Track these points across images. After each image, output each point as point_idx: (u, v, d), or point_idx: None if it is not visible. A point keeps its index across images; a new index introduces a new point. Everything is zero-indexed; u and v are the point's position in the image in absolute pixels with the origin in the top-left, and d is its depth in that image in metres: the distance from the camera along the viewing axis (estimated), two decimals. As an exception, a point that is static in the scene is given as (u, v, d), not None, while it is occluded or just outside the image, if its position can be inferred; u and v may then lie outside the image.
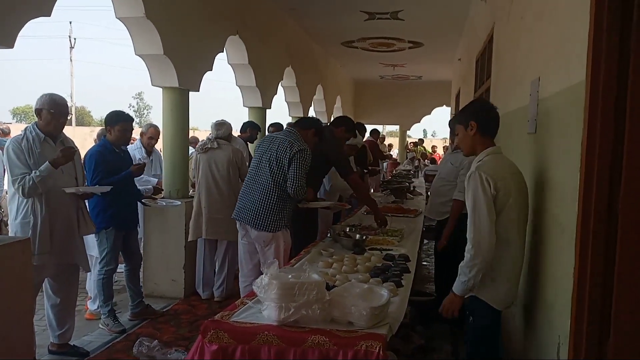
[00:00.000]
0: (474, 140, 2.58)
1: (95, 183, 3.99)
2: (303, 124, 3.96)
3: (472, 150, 2.61)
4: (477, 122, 2.54)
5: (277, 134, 3.88)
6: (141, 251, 4.86)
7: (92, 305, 4.61)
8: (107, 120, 4.25)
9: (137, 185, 4.66)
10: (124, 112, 4.29)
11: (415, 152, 15.77)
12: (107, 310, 4.27)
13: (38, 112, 3.46)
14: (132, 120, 4.35)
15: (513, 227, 2.44)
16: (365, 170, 7.73)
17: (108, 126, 4.22)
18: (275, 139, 3.78)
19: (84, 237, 3.82)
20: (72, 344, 3.82)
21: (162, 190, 5.30)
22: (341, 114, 14.42)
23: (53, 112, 3.44)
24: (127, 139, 4.34)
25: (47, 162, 3.32)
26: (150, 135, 5.58)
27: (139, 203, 4.64)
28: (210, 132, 5.23)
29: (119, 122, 4.20)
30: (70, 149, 3.45)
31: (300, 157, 3.62)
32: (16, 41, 3.05)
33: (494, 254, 2.37)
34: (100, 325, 4.29)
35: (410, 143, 19.40)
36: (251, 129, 6.38)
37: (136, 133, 6.07)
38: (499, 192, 2.38)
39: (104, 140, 4.25)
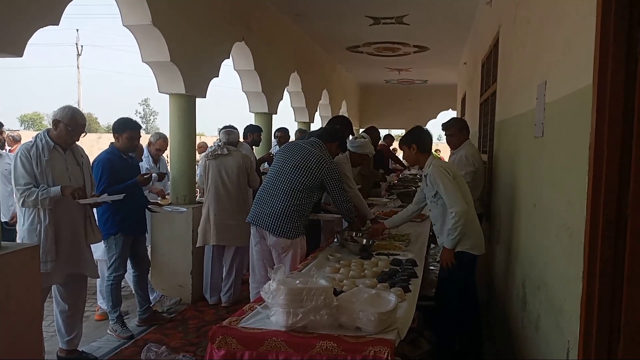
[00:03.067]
0: (417, 156, 3.59)
1: (101, 191, 4.01)
2: (328, 137, 3.96)
3: (416, 162, 3.65)
4: (416, 144, 3.55)
5: (302, 142, 3.88)
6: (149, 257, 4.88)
7: (103, 305, 4.65)
8: (115, 128, 4.29)
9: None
10: (131, 120, 4.34)
11: None
12: (115, 316, 4.29)
13: (56, 122, 3.47)
14: (140, 127, 4.39)
15: (466, 196, 3.42)
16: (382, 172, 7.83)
17: (116, 133, 4.26)
18: (302, 147, 3.77)
19: (99, 238, 3.85)
20: (80, 349, 3.84)
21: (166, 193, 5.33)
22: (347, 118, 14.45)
23: (70, 130, 3.49)
24: (134, 147, 4.38)
25: (60, 187, 3.35)
26: (159, 147, 5.61)
27: (146, 209, 4.66)
28: (219, 138, 5.25)
29: (126, 129, 4.24)
30: (82, 192, 3.46)
31: (333, 175, 3.69)
32: (25, 49, 3.08)
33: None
34: (108, 331, 4.31)
35: None
36: (252, 133, 6.36)
37: (144, 140, 6.09)
38: (454, 176, 3.41)
39: (111, 147, 4.29)
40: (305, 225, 3.74)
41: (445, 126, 4.88)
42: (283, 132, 7.22)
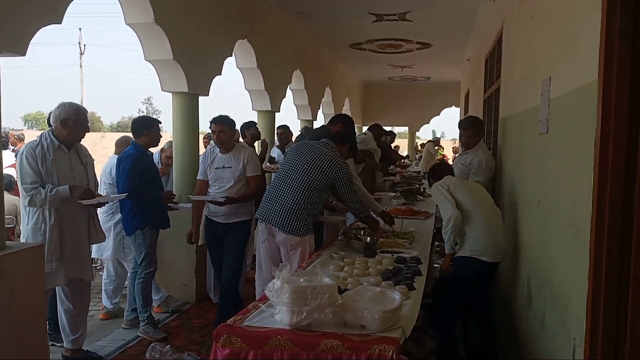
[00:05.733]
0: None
1: (127, 187, 4.03)
2: (340, 139, 3.98)
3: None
4: (436, 179, 3.78)
5: (314, 142, 3.87)
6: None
7: (107, 304, 4.63)
8: (144, 125, 4.29)
9: None
10: (151, 117, 4.51)
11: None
12: (146, 317, 4.22)
13: (64, 121, 3.46)
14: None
15: (467, 203, 3.51)
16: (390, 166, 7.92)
17: (145, 130, 4.24)
18: (314, 147, 3.77)
19: (102, 238, 3.87)
20: (85, 349, 3.84)
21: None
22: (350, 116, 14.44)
23: (81, 123, 3.54)
24: (159, 139, 4.45)
25: (68, 186, 3.36)
26: (170, 154, 5.62)
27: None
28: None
29: (154, 124, 4.33)
30: (91, 194, 3.50)
31: (343, 175, 3.69)
32: (28, 48, 3.08)
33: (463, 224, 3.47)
34: (139, 333, 4.23)
35: (419, 145, 19.29)
36: (248, 130, 6.26)
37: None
38: (448, 187, 3.55)
39: (135, 145, 4.27)
40: (313, 224, 3.74)
41: (464, 127, 4.74)
42: (284, 129, 7.22)
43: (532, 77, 3.26)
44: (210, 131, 4.41)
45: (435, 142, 16.14)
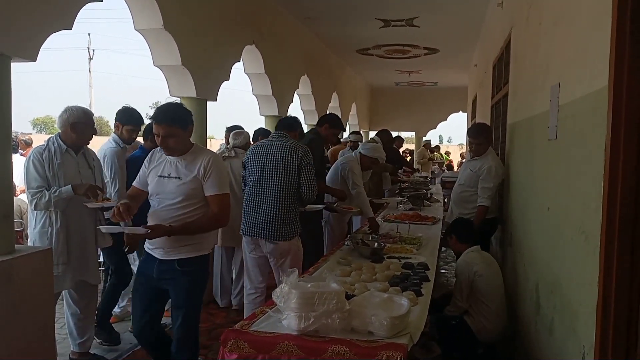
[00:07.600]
0: (457, 246, 3.87)
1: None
2: (290, 127, 3.96)
3: (457, 253, 3.90)
4: (456, 235, 3.89)
5: (267, 141, 3.82)
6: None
7: (115, 308, 4.64)
8: (150, 130, 4.23)
9: None
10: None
11: (432, 158, 15.62)
12: None
13: (74, 125, 3.48)
14: (141, 123, 4.43)
15: (487, 292, 3.57)
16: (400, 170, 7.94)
17: (150, 135, 4.16)
18: (272, 145, 3.73)
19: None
20: (92, 352, 3.85)
21: None
22: (357, 122, 14.46)
23: (90, 125, 3.58)
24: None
25: (70, 186, 3.37)
26: None
27: None
28: (223, 140, 5.27)
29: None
30: (96, 191, 3.49)
31: (308, 160, 3.65)
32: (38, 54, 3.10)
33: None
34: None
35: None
36: (263, 137, 6.31)
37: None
38: (475, 273, 3.57)
39: (142, 148, 4.30)
40: (299, 224, 3.73)
41: (474, 135, 4.80)
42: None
43: (540, 83, 3.25)
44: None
45: (427, 145, 16.06)
